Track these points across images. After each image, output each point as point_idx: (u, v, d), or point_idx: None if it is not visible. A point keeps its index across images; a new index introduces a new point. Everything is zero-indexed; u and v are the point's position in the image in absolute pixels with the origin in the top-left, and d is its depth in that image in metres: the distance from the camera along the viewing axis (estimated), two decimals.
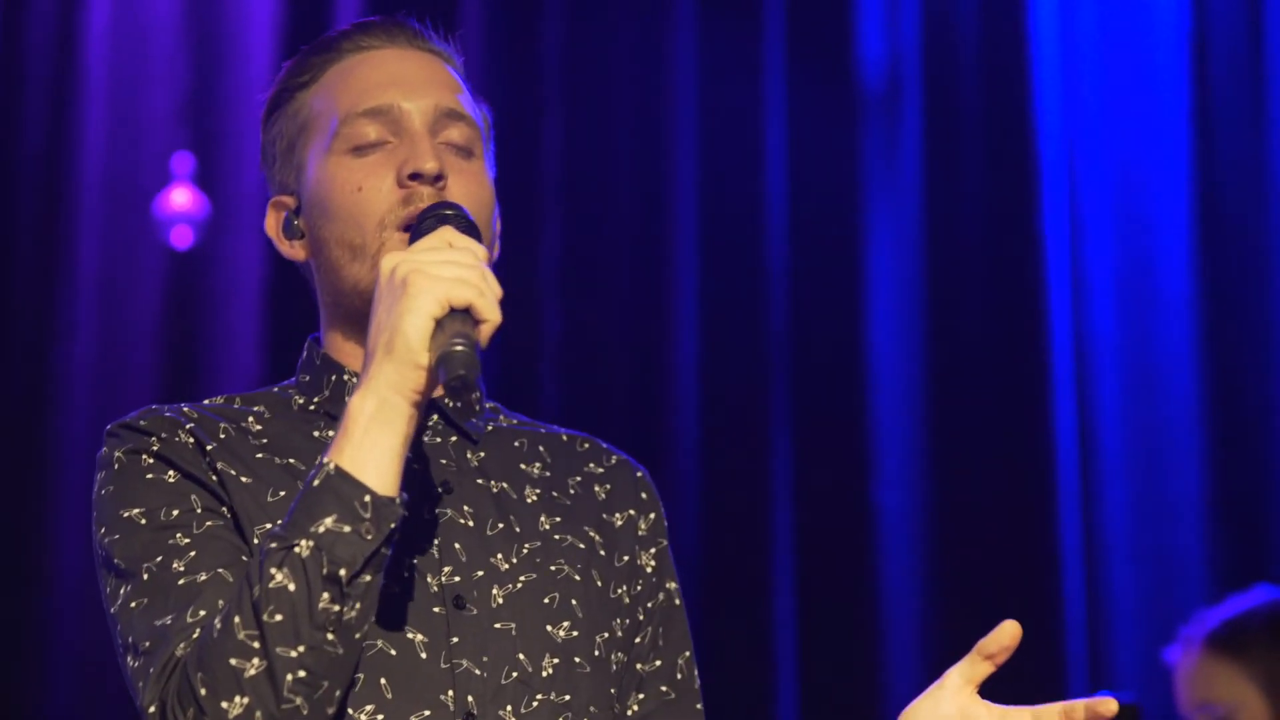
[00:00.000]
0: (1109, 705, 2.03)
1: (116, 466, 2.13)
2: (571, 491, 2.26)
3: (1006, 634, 2.07)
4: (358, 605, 1.95)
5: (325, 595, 1.92)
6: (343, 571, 1.93)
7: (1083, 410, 4.88)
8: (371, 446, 1.96)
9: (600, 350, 4.89)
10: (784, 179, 4.97)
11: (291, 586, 1.92)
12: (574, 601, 2.17)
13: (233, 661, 1.93)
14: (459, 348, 1.92)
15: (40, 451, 4.71)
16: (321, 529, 1.94)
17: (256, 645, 1.92)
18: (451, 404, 2.18)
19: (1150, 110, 4.99)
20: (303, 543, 1.93)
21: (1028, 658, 4.67)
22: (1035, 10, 5.04)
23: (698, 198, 4.94)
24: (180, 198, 4.67)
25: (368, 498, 1.95)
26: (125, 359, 4.78)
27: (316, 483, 1.96)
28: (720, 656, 4.74)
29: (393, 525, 1.96)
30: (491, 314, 1.96)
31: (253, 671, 1.93)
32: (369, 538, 1.94)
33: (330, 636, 1.93)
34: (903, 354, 4.94)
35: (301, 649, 1.93)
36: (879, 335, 4.95)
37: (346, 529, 1.93)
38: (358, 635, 1.96)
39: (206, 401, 2.24)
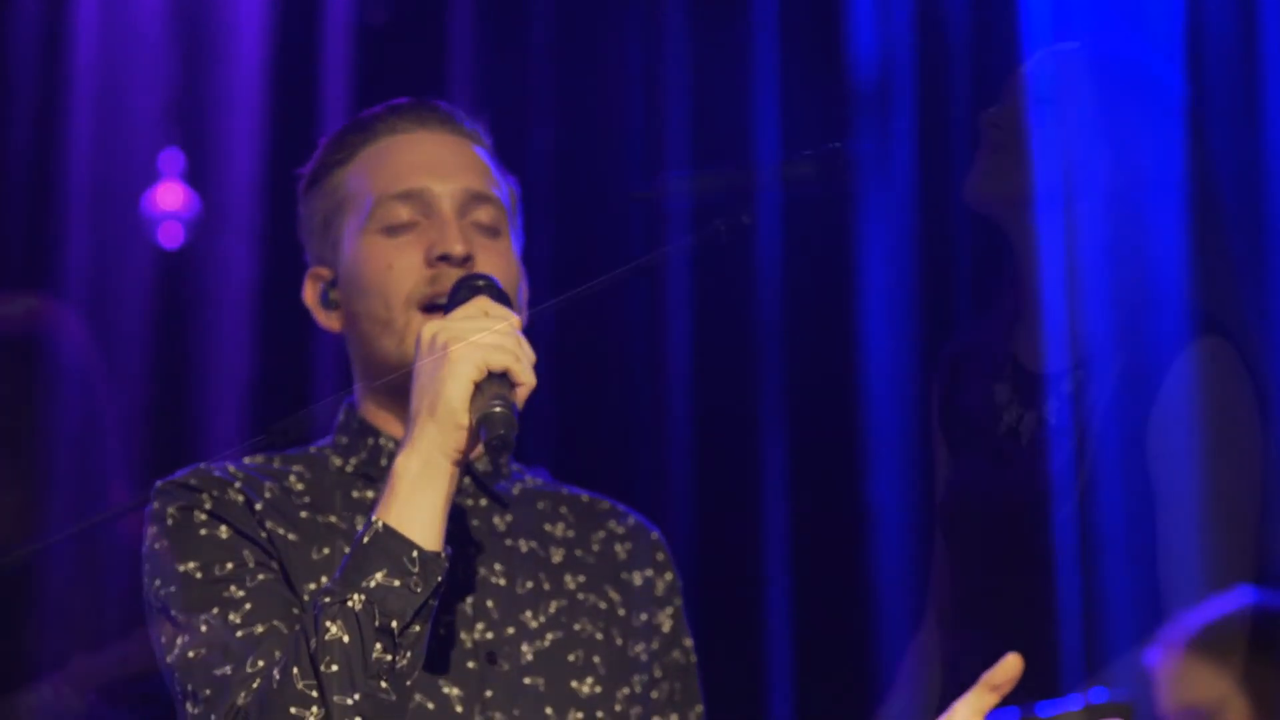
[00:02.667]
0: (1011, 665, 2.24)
1: (170, 522, 2.22)
2: (595, 549, 2.41)
3: (1011, 666, 2.25)
4: (408, 654, 2.04)
5: (378, 646, 2.02)
6: (394, 623, 2.02)
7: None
8: (418, 504, 2.06)
9: (591, 348, 4.89)
10: (775, 175, 4.95)
11: (346, 638, 2.02)
12: (596, 659, 2.32)
13: (293, 710, 2.03)
14: (498, 409, 2.07)
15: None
16: (373, 583, 2.02)
17: (315, 694, 2.03)
18: (486, 460, 2.28)
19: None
20: (355, 597, 2.02)
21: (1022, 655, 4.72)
22: (1028, 5, 5.03)
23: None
24: (169, 196, 4.65)
25: (415, 553, 2.04)
26: (113, 358, 4.76)
27: (366, 539, 2.05)
28: (713, 654, 4.74)
29: (439, 578, 2.07)
30: (527, 378, 2.13)
31: (312, 719, 2.02)
32: (418, 590, 2.03)
33: (384, 684, 2.03)
34: (896, 351, 4.94)
35: (357, 696, 2.02)
36: (872, 332, 4.95)
37: (396, 583, 2.02)
38: (408, 682, 2.05)
39: (247, 460, 2.34)
